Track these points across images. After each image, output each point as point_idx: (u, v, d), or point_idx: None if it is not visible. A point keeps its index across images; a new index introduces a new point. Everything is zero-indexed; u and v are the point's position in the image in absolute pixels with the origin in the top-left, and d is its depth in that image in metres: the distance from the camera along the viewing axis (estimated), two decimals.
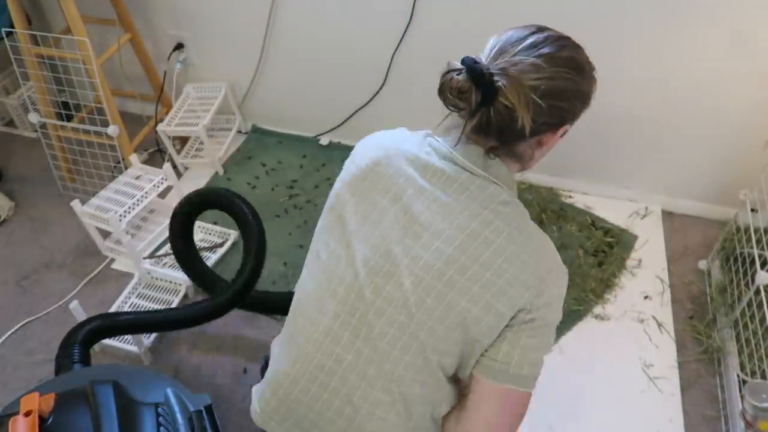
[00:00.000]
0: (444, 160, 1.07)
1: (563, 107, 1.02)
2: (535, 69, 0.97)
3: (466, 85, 0.97)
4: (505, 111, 0.97)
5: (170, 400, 1.02)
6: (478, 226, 1.01)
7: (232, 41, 2.59)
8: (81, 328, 1.54)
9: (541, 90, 0.97)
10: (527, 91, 0.96)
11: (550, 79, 0.98)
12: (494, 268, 1.00)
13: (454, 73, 0.98)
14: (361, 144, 1.24)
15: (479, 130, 1.03)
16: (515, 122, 0.97)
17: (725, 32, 1.91)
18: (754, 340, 1.73)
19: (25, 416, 0.89)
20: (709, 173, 2.26)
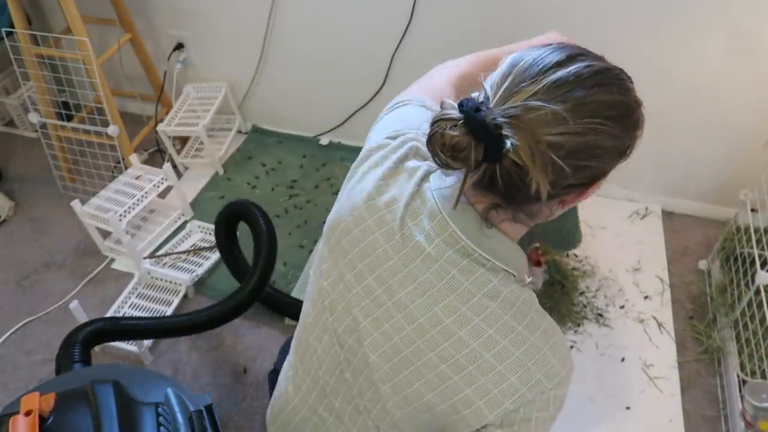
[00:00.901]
0: (431, 223, 0.87)
1: (593, 167, 0.79)
2: (558, 121, 0.74)
3: (464, 141, 0.75)
4: (515, 170, 0.75)
5: (170, 400, 1.02)
6: (453, 323, 0.85)
7: (232, 41, 2.59)
8: (83, 329, 1.54)
9: (566, 149, 0.74)
10: (544, 149, 0.74)
11: (578, 135, 0.75)
12: (463, 374, 0.84)
13: (448, 125, 0.76)
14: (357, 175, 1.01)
15: (479, 187, 0.83)
16: (527, 186, 0.75)
17: (725, 32, 1.91)
18: (754, 340, 1.73)
19: (26, 416, 0.89)
20: (709, 173, 2.26)
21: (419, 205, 0.90)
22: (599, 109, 0.77)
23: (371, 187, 0.95)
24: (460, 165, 0.77)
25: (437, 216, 0.87)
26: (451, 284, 0.85)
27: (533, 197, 0.77)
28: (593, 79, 0.78)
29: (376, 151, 1.00)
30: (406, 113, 1.07)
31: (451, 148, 0.76)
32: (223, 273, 2.22)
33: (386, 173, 0.95)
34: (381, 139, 1.02)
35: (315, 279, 1.05)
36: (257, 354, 1.97)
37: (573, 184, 0.79)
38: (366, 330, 0.93)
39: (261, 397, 1.87)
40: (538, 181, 0.74)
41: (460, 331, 0.84)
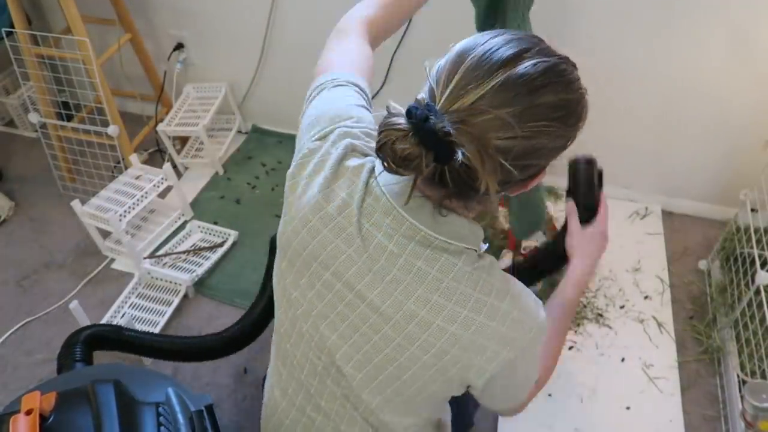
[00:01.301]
0: (387, 219, 0.88)
1: (537, 164, 0.84)
2: (506, 127, 0.76)
3: (415, 152, 0.76)
4: (464, 171, 0.77)
5: (171, 400, 1.02)
6: (428, 314, 0.86)
7: (232, 41, 2.59)
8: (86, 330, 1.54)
9: (514, 153, 0.77)
10: (493, 153, 0.76)
11: (525, 139, 0.77)
12: (447, 358, 0.88)
13: (397, 136, 0.76)
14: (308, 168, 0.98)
15: (430, 183, 0.84)
16: (477, 185, 0.77)
17: (725, 32, 1.91)
18: (754, 340, 1.73)
19: (26, 415, 0.89)
20: (709, 173, 2.26)
21: (372, 203, 0.90)
22: (546, 112, 0.78)
23: (318, 197, 0.93)
24: (410, 173, 0.79)
25: (392, 212, 0.88)
26: (418, 276, 0.87)
27: (479, 191, 0.78)
28: (540, 80, 0.78)
29: (310, 156, 0.98)
30: (332, 98, 1.04)
31: (402, 160, 0.77)
32: (223, 273, 2.22)
33: (329, 178, 0.93)
34: (311, 142, 0.99)
35: (281, 291, 1.03)
36: (257, 354, 1.97)
37: (518, 180, 0.83)
38: (335, 344, 0.95)
39: (261, 397, 1.86)
40: (488, 182, 0.76)
41: (437, 320, 0.86)
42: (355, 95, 1.04)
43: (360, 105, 1.02)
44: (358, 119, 0.99)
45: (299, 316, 0.99)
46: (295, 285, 0.98)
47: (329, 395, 1.02)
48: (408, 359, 0.89)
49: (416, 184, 0.83)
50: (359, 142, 0.96)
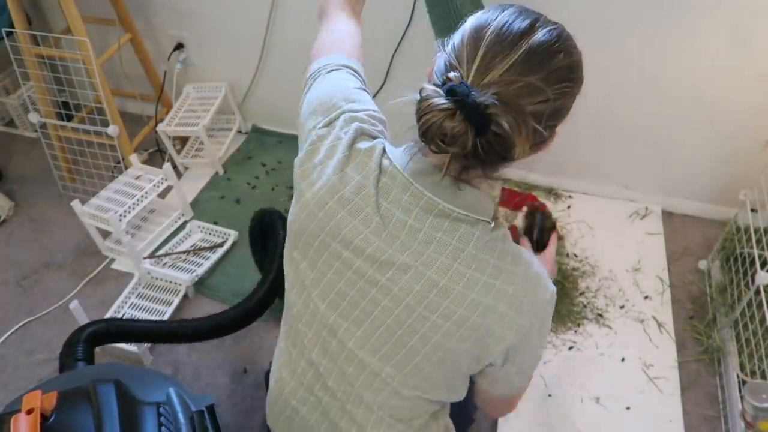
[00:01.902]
0: (405, 195, 0.92)
1: (558, 123, 0.89)
2: (536, 91, 0.81)
3: (462, 128, 0.78)
4: (496, 140, 0.80)
5: (172, 400, 1.02)
6: (449, 281, 0.90)
7: (232, 41, 2.59)
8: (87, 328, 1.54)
9: (545, 115, 0.83)
10: (528, 119, 0.81)
11: (554, 101, 0.83)
12: (468, 325, 0.91)
13: (445, 116, 0.79)
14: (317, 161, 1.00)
15: (453, 157, 0.87)
16: (508, 151, 0.82)
17: (725, 33, 1.91)
18: (754, 340, 1.73)
19: (27, 414, 0.89)
20: (709, 173, 2.26)
21: (388, 182, 0.93)
22: (566, 74, 0.85)
23: (334, 179, 0.95)
24: (456, 149, 0.81)
25: (410, 188, 0.91)
26: (439, 247, 0.90)
27: (510, 160, 0.84)
28: (556, 45, 0.84)
29: (320, 143, 1.00)
30: (330, 84, 1.07)
31: (452, 138, 0.79)
32: (222, 273, 2.22)
33: (342, 162, 0.96)
34: (318, 129, 1.01)
35: (294, 275, 1.05)
36: (257, 354, 1.97)
37: (543, 141, 0.89)
38: (355, 321, 0.97)
39: (261, 397, 1.86)
40: (520, 146, 0.81)
41: (457, 287, 0.90)
42: (351, 77, 1.08)
43: (357, 87, 1.06)
44: (360, 102, 1.02)
45: (315, 297, 1.01)
46: (312, 266, 0.99)
47: (337, 375, 1.03)
48: (430, 328, 0.92)
49: (450, 168, 0.88)
50: (367, 126, 0.99)
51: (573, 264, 2.19)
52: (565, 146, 2.33)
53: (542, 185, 2.50)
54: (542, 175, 2.49)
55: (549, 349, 1.95)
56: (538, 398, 1.83)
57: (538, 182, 2.50)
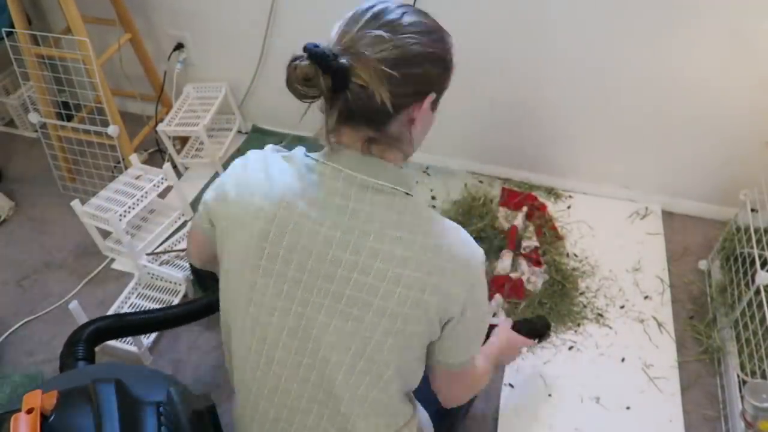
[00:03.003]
0: (328, 180, 1.02)
1: (418, 73, 0.97)
2: (379, 40, 0.94)
3: (311, 70, 0.93)
4: (361, 91, 0.94)
5: (173, 400, 1.02)
6: (389, 246, 0.98)
7: (232, 41, 2.59)
8: (87, 326, 1.54)
9: (391, 60, 0.93)
10: (376, 65, 0.92)
11: (396, 48, 0.94)
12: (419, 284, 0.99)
13: (299, 61, 0.94)
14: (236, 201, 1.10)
15: (346, 119, 0.99)
16: (373, 100, 0.93)
17: (725, 32, 1.91)
18: (754, 340, 1.73)
19: (27, 413, 0.89)
20: (709, 173, 2.27)
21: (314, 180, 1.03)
22: (408, 27, 0.96)
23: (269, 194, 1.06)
24: (314, 92, 0.95)
25: (330, 172, 1.02)
26: (369, 217, 0.99)
27: (384, 112, 0.95)
28: (400, 9, 0.98)
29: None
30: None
31: (303, 78, 0.93)
32: None
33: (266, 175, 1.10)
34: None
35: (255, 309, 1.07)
36: None
37: (406, 92, 0.97)
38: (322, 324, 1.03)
39: None
40: (380, 93, 0.92)
41: (397, 250, 0.98)
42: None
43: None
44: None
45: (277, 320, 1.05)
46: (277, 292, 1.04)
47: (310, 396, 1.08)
48: (382, 298, 0.99)
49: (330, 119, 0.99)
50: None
51: (573, 264, 2.19)
52: (566, 146, 2.34)
53: (542, 185, 2.50)
54: (542, 175, 2.49)
55: (549, 349, 1.95)
56: (538, 398, 1.83)
57: (538, 182, 2.50)
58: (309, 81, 0.94)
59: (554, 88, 2.19)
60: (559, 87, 2.18)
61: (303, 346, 1.04)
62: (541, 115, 2.28)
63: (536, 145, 2.39)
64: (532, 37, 2.11)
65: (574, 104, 2.19)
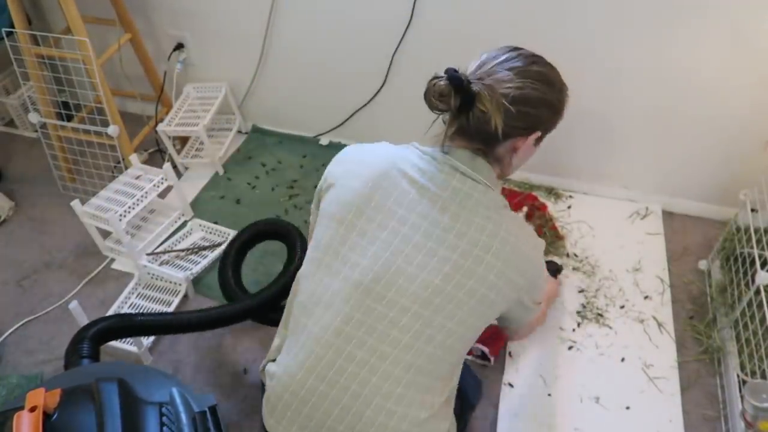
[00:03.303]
0: (439, 164, 1.20)
1: (531, 113, 1.17)
2: (506, 79, 1.14)
3: (447, 89, 1.12)
4: (481, 115, 1.13)
5: (175, 400, 1.02)
6: (482, 221, 1.17)
7: (232, 41, 2.59)
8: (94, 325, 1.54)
9: (511, 97, 1.13)
10: (499, 98, 1.12)
11: (518, 89, 1.14)
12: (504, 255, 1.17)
13: (438, 80, 1.13)
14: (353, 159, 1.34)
15: (462, 133, 1.20)
16: (489, 125, 1.13)
17: (725, 32, 1.91)
18: (754, 340, 1.73)
19: (30, 411, 0.89)
20: (709, 173, 2.27)
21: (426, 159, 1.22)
22: (533, 75, 1.17)
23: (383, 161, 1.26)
24: (444, 107, 1.15)
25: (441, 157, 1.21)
26: (478, 201, 1.18)
27: (494, 136, 1.15)
28: (529, 59, 1.20)
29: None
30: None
31: (438, 94, 1.13)
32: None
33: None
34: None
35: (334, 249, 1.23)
36: (257, 354, 1.97)
37: (517, 126, 1.17)
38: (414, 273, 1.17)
39: (261, 397, 1.87)
40: (496, 120, 1.12)
41: (489, 225, 1.17)
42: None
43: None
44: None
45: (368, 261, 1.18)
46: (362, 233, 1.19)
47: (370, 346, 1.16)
48: (473, 261, 1.15)
49: (450, 129, 1.19)
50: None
51: (573, 264, 2.19)
52: (565, 146, 2.34)
53: (542, 185, 2.50)
54: (542, 175, 2.49)
55: (549, 348, 1.95)
56: (538, 398, 1.83)
57: (538, 182, 2.51)
58: (443, 97, 1.13)
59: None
60: None
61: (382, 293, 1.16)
62: None
63: None
64: (532, 37, 2.11)
65: (574, 104, 2.19)
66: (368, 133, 2.63)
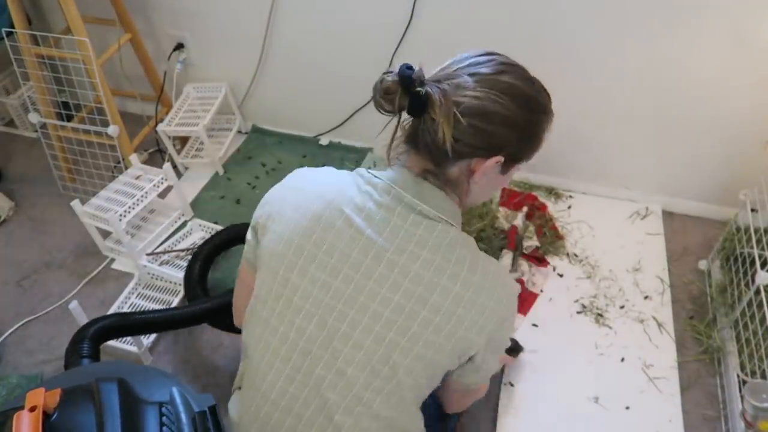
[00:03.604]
0: (379, 195, 1.04)
1: (488, 131, 0.99)
2: (465, 86, 0.97)
3: (393, 86, 0.98)
4: (431, 124, 0.97)
5: (175, 400, 1.02)
6: (433, 275, 1.01)
7: (232, 41, 2.59)
8: (93, 324, 1.54)
9: (464, 106, 0.96)
10: (450, 105, 0.95)
11: (475, 98, 0.97)
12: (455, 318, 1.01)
13: (388, 75, 0.99)
14: (294, 189, 1.16)
15: (413, 146, 1.05)
16: (438, 137, 0.97)
17: (725, 32, 1.91)
18: (754, 340, 1.73)
19: (30, 411, 0.89)
20: (709, 173, 2.27)
21: (367, 190, 1.06)
22: (499, 86, 0.98)
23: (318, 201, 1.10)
24: (389, 107, 0.99)
25: (391, 191, 1.04)
26: (420, 242, 1.01)
27: (444, 152, 0.97)
28: (500, 67, 1.01)
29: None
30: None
31: (384, 90, 0.98)
32: (221, 272, 2.22)
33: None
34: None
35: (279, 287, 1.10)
36: None
37: (472, 144, 0.99)
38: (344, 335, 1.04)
39: None
40: (444, 133, 0.95)
41: (442, 280, 1.00)
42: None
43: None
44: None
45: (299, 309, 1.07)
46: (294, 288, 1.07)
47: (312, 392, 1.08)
48: (420, 324, 1.00)
49: (396, 132, 1.06)
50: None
51: (573, 264, 2.20)
52: (565, 146, 2.34)
53: (542, 185, 2.50)
54: (542, 175, 2.49)
55: (549, 348, 1.95)
56: (538, 398, 1.83)
57: (538, 182, 2.51)
58: (388, 95, 0.99)
59: (554, 89, 2.18)
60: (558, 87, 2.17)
61: (320, 354, 1.06)
62: None
63: None
64: (532, 36, 2.11)
65: (574, 104, 2.19)
66: (368, 133, 2.64)
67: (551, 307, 2.07)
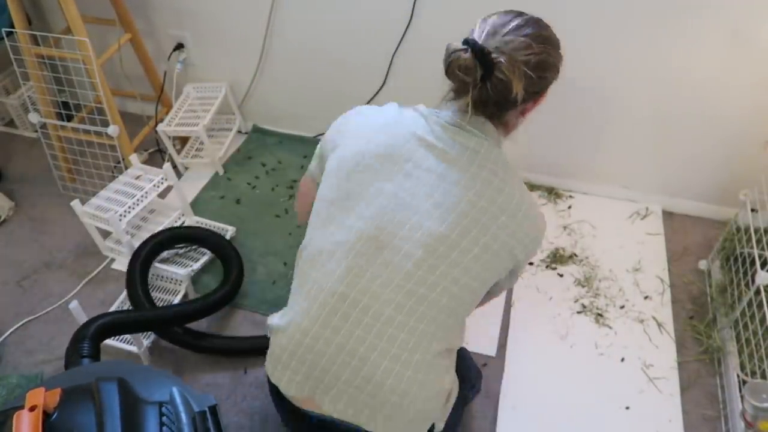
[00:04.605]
0: (445, 124, 1.22)
1: (547, 78, 1.21)
2: (526, 46, 1.14)
3: (472, 62, 1.12)
4: (500, 83, 1.13)
5: (175, 400, 1.02)
6: (499, 182, 1.21)
7: (232, 41, 2.59)
8: (93, 323, 1.54)
9: (532, 64, 1.14)
10: (521, 66, 1.13)
11: (536, 55, 1.15)
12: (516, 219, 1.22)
13: (460, 52, 1.13)
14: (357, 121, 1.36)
15: (478, 104, 1.19)
16: (509, 92, 1.14)
17: (725, 32, 1.91)
18: (754, 340, 1.74)
19: (30, 411, 0.89)
20: (709, 173, 2.27)
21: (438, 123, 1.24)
22: (545, 40, 1.19)
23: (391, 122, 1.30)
24: (470, 80, 1.14)
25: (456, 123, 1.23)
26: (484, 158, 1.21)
27: (512, 103, 1.17)
28: (537, 24, 1.20)
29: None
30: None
31: (464, 67, 1.13)
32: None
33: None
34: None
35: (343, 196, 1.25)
36: (258, 354, 1.97)
37: (533, 91, 1.20)
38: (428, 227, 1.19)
39: (261, 397, 1.87)
40: (516, 87, 1.13)
41: (505, 187, 1.21)
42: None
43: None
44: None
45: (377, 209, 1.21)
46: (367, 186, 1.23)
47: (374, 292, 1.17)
48: (489, 218, 1.18)
49: (472, 99, 1.17)
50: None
51: (573, 264, 2.20)
52: (566, 146, 2.34)
53: (542, 185, 2.50)
54: (543, 175, 2.49)
55: (549, 348, 1.95)
56: (538, 398, 1.84)
57: (538, 182, 2.51)
58: (468, 70, 1.13)
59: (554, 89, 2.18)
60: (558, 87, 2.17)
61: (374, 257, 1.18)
62: (541, 116, 2.28)
63: (536, 145, 2.39)
64: None
65: (574, 105, 2.19)
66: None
67: (551, 307, 2.07)
